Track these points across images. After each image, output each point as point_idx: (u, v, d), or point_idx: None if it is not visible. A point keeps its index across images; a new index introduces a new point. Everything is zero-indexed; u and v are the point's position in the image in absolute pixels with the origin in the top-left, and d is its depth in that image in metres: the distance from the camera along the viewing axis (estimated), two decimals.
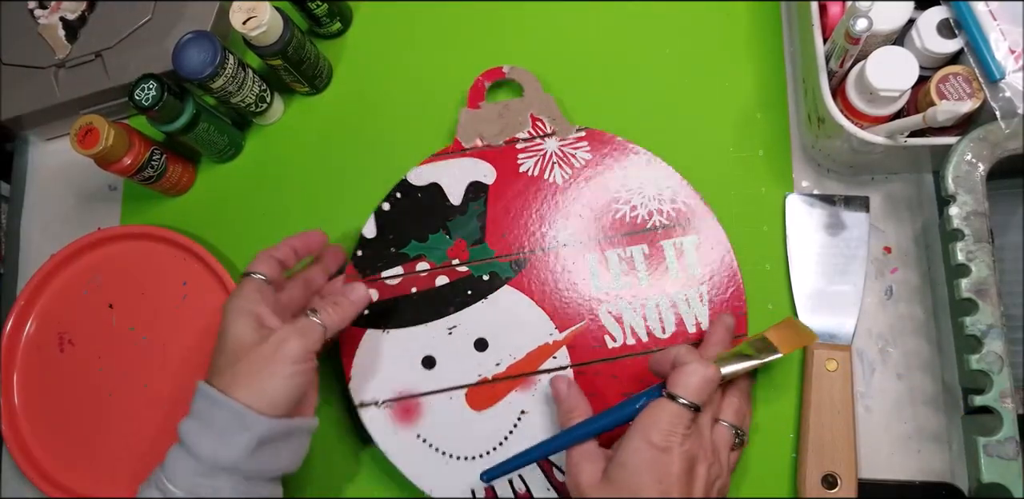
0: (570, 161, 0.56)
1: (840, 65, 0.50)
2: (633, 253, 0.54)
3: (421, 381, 0.53)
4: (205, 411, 0.44)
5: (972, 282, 0.46)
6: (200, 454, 0.43)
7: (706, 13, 0.60)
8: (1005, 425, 0.44)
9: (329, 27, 0.63)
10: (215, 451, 0.43)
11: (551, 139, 0.57)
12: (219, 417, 0.43)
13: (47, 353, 0.61)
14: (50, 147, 0.68)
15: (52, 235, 0.65)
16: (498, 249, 0.55)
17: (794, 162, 0.57)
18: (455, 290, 0.55)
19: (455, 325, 0.54)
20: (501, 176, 0.56)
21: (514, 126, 0.57)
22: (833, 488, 0.49)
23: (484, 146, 0.57)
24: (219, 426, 0.43)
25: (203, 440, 0.43)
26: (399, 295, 0.55)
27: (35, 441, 0.59)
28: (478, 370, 0.53)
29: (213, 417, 0.43)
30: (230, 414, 0.43)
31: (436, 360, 0.54)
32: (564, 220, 0.55)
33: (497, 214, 0.56)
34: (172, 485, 0.42)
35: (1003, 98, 0.47)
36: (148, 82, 0.55)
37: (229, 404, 0.43)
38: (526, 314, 0.54)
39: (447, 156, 0.57)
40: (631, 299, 0.53)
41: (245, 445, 0.43)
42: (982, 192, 0.46)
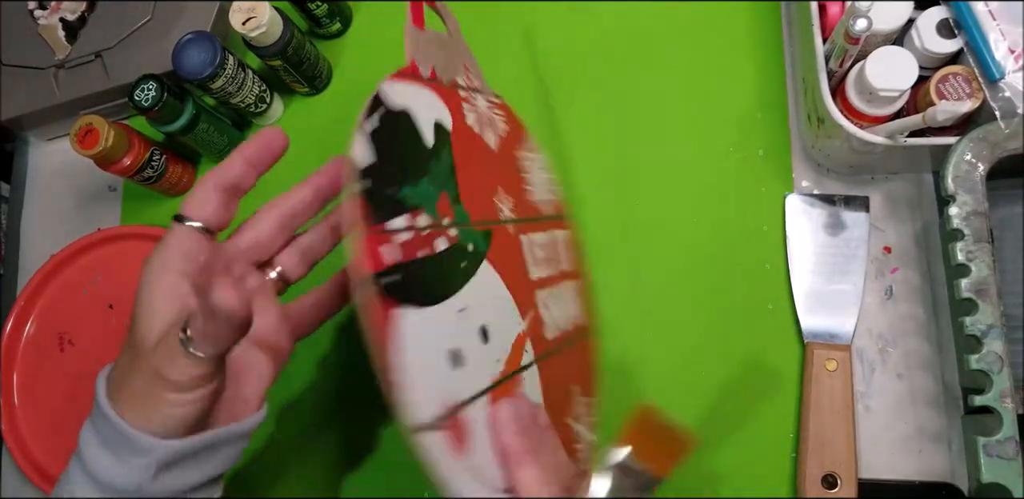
0: (496, 127, 0.46)
1: (840, 65, 0.50)
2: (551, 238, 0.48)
3: (456, 385, 0.36)
4: (100, 424, 0.35)
5: (972, 282, 0.46)
6: (97, 476, 0.35)
7: (706, 13, 0.60)
8: (1005, 425, 0.44)
9: (329, 27, 0.63)
10: (111, 472, 0.35)
11: (479, 96, 0.47)
12: (110, 435, 0.35)
13: (47, 353, 0.61)
14: (50, 147, 0.68)
15: (52, 235, 0.65)
16: (471, 214, 0.42)
17: (794, 162, 0.57)
18: (453, 259, 0.39)
19: (463, 307, 0.38)
20: (456, 124, 0.43)
21: (454, 67, 0.46)
22: (833, 488, 0.49)
23: (436, 80, 0.44)
24: (113, 444, 0.35)
25: (100, 459, 0.35)
26: (413, 259, 0.36)
27: (35, 441, 0.59)
28: (489, 370, 0.39)
29: (105, 433, 0.35)
30: (119, 434, 0.34)
31: (462, 355, 0.37)
32: (504, 192, 0.45)
33: (460, 169, 0.42)
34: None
35: (1003, 98, 0.47)
36: (148, 82, 0.55)
37: (117, 423, 0.34)
38: (502, 297, 0.42)
39: (411, 79, 0.42)
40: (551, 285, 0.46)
41: (144, 469, 0.34)
42: (982, 192, 0.46)
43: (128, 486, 0.35)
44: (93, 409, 0.36)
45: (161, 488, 0.35)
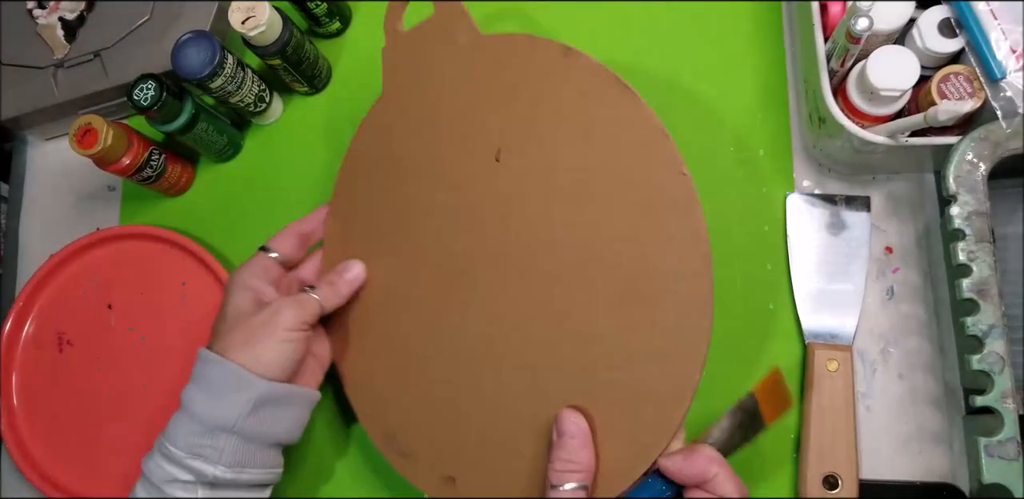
0: None
1: (841, 64, 0.50)
2: None
3: None
4: (203, 374, 0.45)
5: (973, 282, 0.45)
6: (198, 414, 0.44)
7: (706, 13, 0.60)
8: (1006, 425, 0.44)
9: (328, 27, 0.63)
10: (212, 410, 0.44)
11: None
12: (216, 378, 0.44)
13: (46, 353, 0.61)
14: (49, 147, 0.67)
15: (51, 235, 0.65)
16: None
17: (795, 162, 0.57)
18: None
19: None
20: None
21: None
22: (834, 489, 0.49)
23: None
24: (217, 386, 0.44)
25: (201, 400, 0.44)
26: None
27: (34, 441, 0.59)
28: None
29: (211, 379, 0.44)
30: (227, 374, 0.44)
31: None
32: None
33: None
34: (172, 446, 0.43)
35: (1004, 98, 0.47)
36: (147, 82, 0.54)
37: (226, 364, 0.44)
38: None
39: None
40: None
41: (243, 404, 0.44)
42: (983, 192, 0.46)
43: (226, 419, 0.43)
44: (195, 370, 0.46)
45: (253, 428, 0.44)
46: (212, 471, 0.43)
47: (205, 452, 0.43)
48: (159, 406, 0.58)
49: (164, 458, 0.44)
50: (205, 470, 0.43)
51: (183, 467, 0.43)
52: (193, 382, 0.45)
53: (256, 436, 0.45)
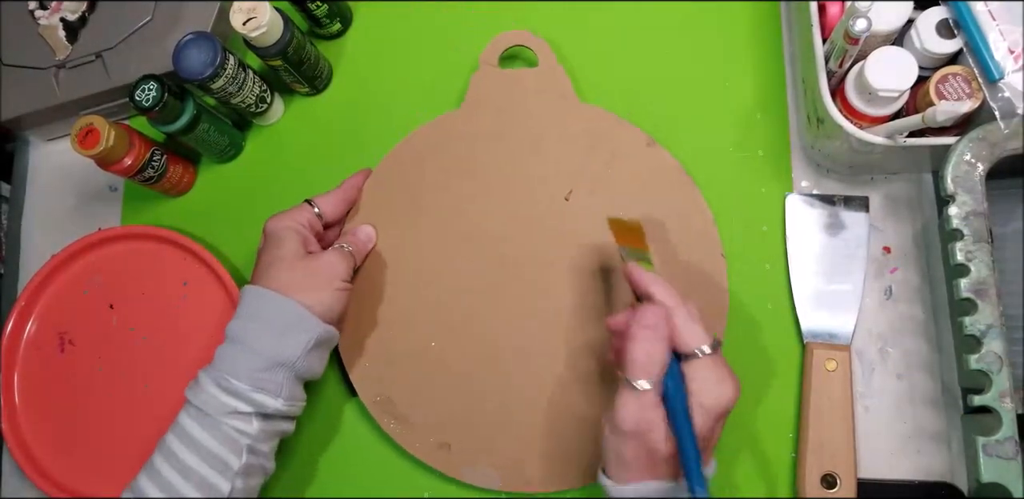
0: None
1: (839, 65, 0.50)
2: None
3: None
4: (262, 311, 0.48)
5: (971, 282, 0.46)
6: (261, 349, 0.47)
7: (706, 13, 0.60)
8: (1004, 425, 0.44)
9: (329, 28, 0.63)
10: (276, 347, 0.47)
11: None
12: (279, 316, 0.47)
13: (47, 353, 0.61)
14: (50, 148, 0.68)
15: (52, 235, 0.65)
16: None
17: (794, 162, 0.57)
18: None
19: None
20: None
21: None
22: (832, 488, 0.49)
23: None
24: (280, 324, 0.47)
25: (265, 337, 0.47)
26: None
27: (36, 441, 0.59)
28: None
29: (272, 317, 0.47)
30: (291, 314, 0.47)
31: None
32: None
33: None
34: (235, 379, 0.46)
35: (1002, 98, 0.47)
36: (148, 83, 0.55)
37: (291, 304, 0.47)
38: None
39: None
40: None
41: (304, 343, 0.47)
42: (981, 192, 0.46)
43: (288, 357, 0.47)
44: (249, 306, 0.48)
45: (303, 366, 0.48)
46: (273, 404, 0.47)
47: (268, 386, 0.46)
48: (160, 405, 0.58)
49: (223, 391, 0.46)
50: (267, 402, 0.46)
51: (245, 399, 0.46)
52: (250, 319, 0.48)
53: (304, 372, 0.48)
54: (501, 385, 0.53)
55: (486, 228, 0.56)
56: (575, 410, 0.52)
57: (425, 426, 0.54)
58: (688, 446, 0.39)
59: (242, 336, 0.47)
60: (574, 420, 0.52)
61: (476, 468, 0.53)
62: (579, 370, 0.53)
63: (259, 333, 0.47)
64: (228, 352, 0.47)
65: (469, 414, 0.53)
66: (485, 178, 0.57)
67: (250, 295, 0.49)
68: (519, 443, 0.52)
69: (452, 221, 0.57)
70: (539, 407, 0.53)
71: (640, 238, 0.49)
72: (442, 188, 0.57)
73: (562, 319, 0.54)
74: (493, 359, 0.54)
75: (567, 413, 0.52)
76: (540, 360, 0.53)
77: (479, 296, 0.55)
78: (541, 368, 0.53)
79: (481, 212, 0.56)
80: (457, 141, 0.58)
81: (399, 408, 0.54)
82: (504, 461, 0.52)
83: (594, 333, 0.53)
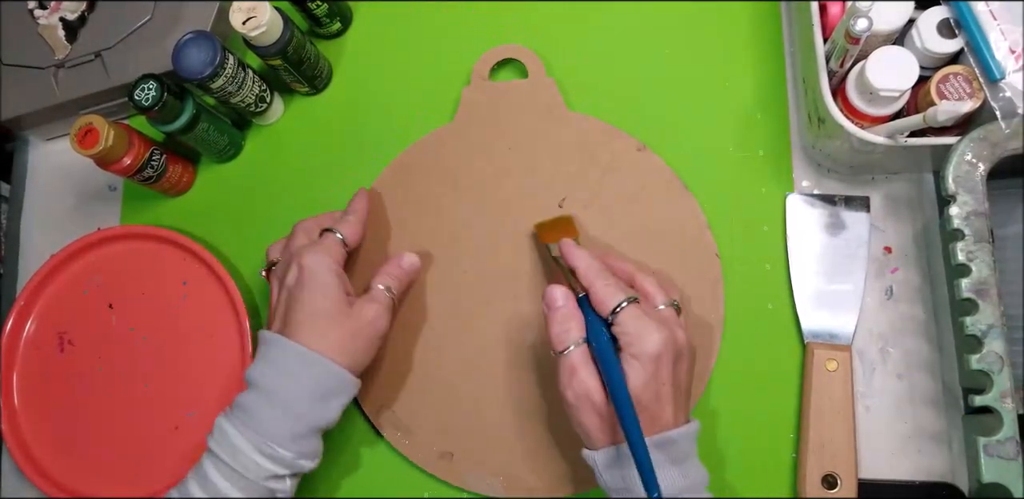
0: None
1: (840, 65, 0.50)
2: None
3: None
4: (306, 374, 0.45)
5: (972, 282, 0.46)
6: (303, 415, 0.45)
7: (706, 13, 0.60)
8: (1005, 425, 0.44)
9: (329, 27, 0.63)
10: (320, 413, 0.46)
11: None
12: (325, 382, 0.46)
13: (47, 353, 0.61)
14: (50, 147, 0.68)
15: (52, 235, 0.65)
16: None
17: (794, 162, 0.57)
18: None
19: None
20: None
21: None
22: (833, 488, 0.49)
23: None
24: (325, 390, 0.46)
25: (306, 401, 0.45)
26: None
27: (35, 441, 0.59)
28: None
29: (318, 381, 0.45)
30: (337, 380, 0.46)
31: None
32: None
33: None
34: (280, 447, 0.44)
35: (1003, 98, 0.47)
36: (148, 82, 0.55)
37: (338, 371, 0.46)
38: None
39: None
40: None
41: (341, 407, 0.47)
42: (982, 192, 0.46)
43: (330, 422, 0.47)
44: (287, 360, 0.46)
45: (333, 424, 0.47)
46: (311, 466, 0.46)
47: (307, 450, 0.46)
48: (160, 405, 0.58)
49: (267, 458, 0.44)
50: (307, 466, 0.46)
51: (288, 465, 0.45)
52: (290, 377, 0.45)
53: (328, 424, 0.47)
54: (501, 395, 0.54)
55: (482, 240, 0.56)
56: None
57: (427, 436, 0.54)
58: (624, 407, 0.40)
59: (283, 397, 0.45)
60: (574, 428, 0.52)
61: (478, 476, 0.53)
62: None
63: (301, 396, 0.45)
64: (266, 412, 0.45)
65: (470, 424, 0.54)
66: (479, 190, 0.57)
67: (290, 352, 0.46)
68: (520, 451, 0.53)
69: (449, 234, 0.57)
70: (539, 415, 0.53)
71: (570, 227, 0.52)
72: (437, 201, 0.58)
73: None
74: (493, 369, 0.54)
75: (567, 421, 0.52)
76: (539, 369, 0.54)
77: (477, 307, 0.55)
78: (540, 377, 0.54)
79: (477, 224, 0.57)
80: (450, 155, 0.59)
81: (402, 419, 0.55)
82: (506, 469, 0.53)
83: None
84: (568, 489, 0.52)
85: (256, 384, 0.46)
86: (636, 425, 0.39)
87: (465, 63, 0.61)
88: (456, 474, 0.53)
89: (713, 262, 0.54)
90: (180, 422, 0.57)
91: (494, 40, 0.61)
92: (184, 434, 0.57)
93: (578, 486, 0.52)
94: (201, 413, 0.57)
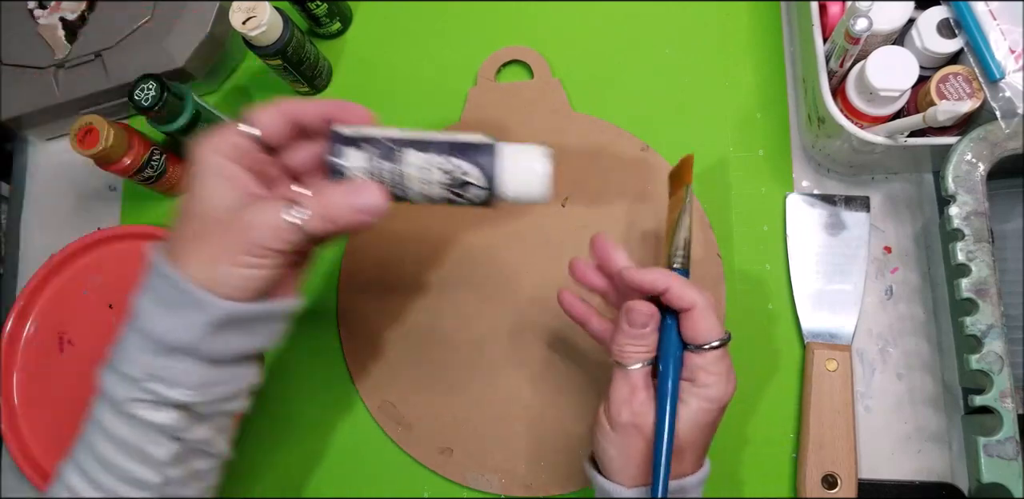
0: None
1: (840, 65, 0.50)
2: None
3: None
4: (158, 287, 0.38)
5: (972, 282, 0.46)
6: (151, 331, 0.37)
7: (706, 13, 0.60)
8: (1005, 425, 0.44)
9: (329, 27, 0.63)
10: (167, 329, 0.37)
11: None
12: (168, 293, 0.37)
13: (47, 353, 0.61)
14: (50, 147, 0.68)
15: (52, 235, 0.65)
16: None
17: (794, 162, 0.57)
18: None
19: None
20: None
21: None
22: (833, 488, 0.49)
23: None
24: (169, 301, 0.37)
25: (156, 315, 0.38)
26: None
27: (35, 441, 0.59)
28: None
29: (167, 294, 0.37)
30: (185, 295, 0.37)
31: None
32: None
33: None
34: (127, 367, 0.38)
35: (1003, 98, 0.47)
36: (148, 82, 0.54)
37: (177, 281, 0.37)
38: None
39: None
40: None
41: (201, 326, 0.37)
42: (982, 192, 0.46)
43: (183, 341, 0.37)
44: (148, 276, 0.39)
45: (212, 348, 0.38)
46: (173, 395, 0.38)
47: (163, 373, 0.38)
48: None
49: (119, 377, 0.38)
50: (165, 394, 0.38)
51: (141, 388, 0.38)
52: (147, 292, 0.38)
53: (220, 356, 0.39)
54: (501, 392, 0.54)
55: (484, 238, 0.57)
56: (574, 416, 0.53)
57: (427, 432, 0.54)
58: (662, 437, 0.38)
59: (135, 310, 0.38)
60: (573, 426, 0.53)
61: (477, 473, 0.53)
62: (577, 378, 0.53)
63: (152, 310, 0.38)
64: (125, 332, 0.39)
65: (470, 420, 0.54)
66: None
67: (150, 261, 0.39)
68: (519, 448, 0.53)
69: (450, 232, 0.57)
70: (539, 413, 0.53)
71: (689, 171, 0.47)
72: None
73: (561, 327, 0.54)
74: (493, 366, 0.54)
75: (566, 419, 0.53)
76: (539, 367, 0.54)
77: (479, 303, 0.55)
78: (540, 375, 0.54)
79: (479, 223, 0.57)
80: None
81: (402, 414, 0.55)
82: (505, 466, 0.53)
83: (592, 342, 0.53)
84: (567, 488, 0.52)
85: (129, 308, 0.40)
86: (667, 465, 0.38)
87: (465, 63, 0.61)
88: (456, 470, 0.53)
89: (714, 262, 0.54)
90: None
91: (495, 40, 0.61)
92: None
93: (577, 485, 0.52)
94: None
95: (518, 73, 0.61)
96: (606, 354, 0.43)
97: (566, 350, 0.54)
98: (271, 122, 0.40)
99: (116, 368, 0.38)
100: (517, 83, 0.60)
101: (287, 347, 0.58)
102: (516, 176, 0.38)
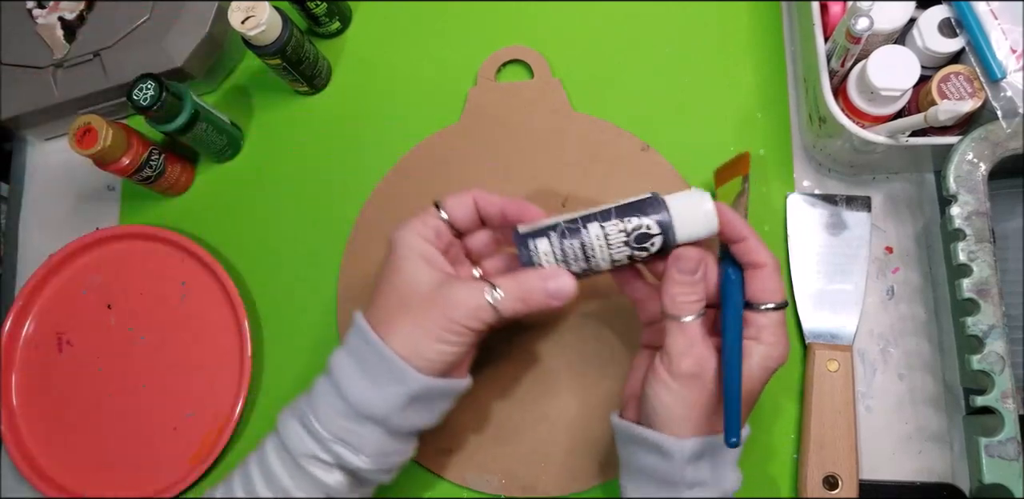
0: None
1: (841, 64, 0.50)
2: None
3: None
4: (362, 353, 0.42)
5: (973, 282, 0.45)
6: (351, 398, 0.41)
7: (706, 13, 0.60)
8: (1006, 425, 0.44)
9: (328, 26, 0.63)
10: (367, 398, 0.41)
11: None
12: (375, 364, 0.41)
13: (46, 353, 0.60)
14: (49, 147, 0.67)
15: (51, 235, 0.64)
16: None
17: (795, 162, 0.57)
18: None
19: None
20: None
21: None
22: (834, 489, 0.49)
23: None
24: (374, 373, 0.41)
25: (357, 384, 0.41)
26: None
27: (34, 441, 0.59)
28: None
29: (369, 362, 0.41)
30: (386, 364, 0.41)
31: None
32: None
33: None
34: (319, 425, 0.41)
35: (1004, 97, 0.47)
36: (146, 82, 0.54)
37: (388, 356, 0.40)
38: None
39: None
40: None
41: (399, 398, 0.41)
42: (984, 192, 0.46)
43: (380, 411, 0.41)
44: (352, 340, 0.42)
45: (400, 420, 0.42)
46: (354, 461, 0.41)
47: (351, 439, 0.41)
48: (159, 406, 0.58)
49: (307, 432, 0.41)
50: (347, 457, 0.41)
51: (325, 448, 0.41)
52: (349, 354, 0.42)
53: (401, 428, 0.42)
54: (501, 391, 0.54)
55: None
56: (575, 416, 0.53)
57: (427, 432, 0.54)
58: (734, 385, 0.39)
59: (338, 374, 0.42)
60: (574, 425, 0.52)
61: (477, 473, 0.53)
62: (579, 377, 0.53)
63: (353, 375, 0.41)
64: (321, 388, 0.42)
65: (470, 420, 0.53)
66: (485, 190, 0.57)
67: (357, 330, 0.42)
68: (520, 449, 0.53)
69: None
70: (539, 413, 0.53)
71: (746, 164, 0.50)
72: None
73: (563, 326, 0.54)
74: (494, 365, 0.54)
75: (567, 419, 0.53)
76: (540, 366, 0.54)
77: None
78: (542, 375, 0.54)
79: None
80: (456, 155, 0.59)
81: None
82: (505, 466, 0.53)
83: (595, 341, 0.53)
84: (568, 488, 0.52)
85: (327, 364, 0.43)
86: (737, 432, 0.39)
87: (464, 63, 0.61)
88: (456, 471, 0.53)
89: None
90: (179, 423, 0.57)
91: (495, 40, 0.61)
92: (183, 434, 0.57)
93: (577, 485, 0.52)
94: (200, 414, 0.57)
95: (518, 73, 0.61)
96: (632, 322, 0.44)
97: (565, 350, 0.54)
98: (463, 210, 0.45)
99: (305, 421, 0.42)
100: (517, 83, 0.60)
101: (288, 348, 0.58)
102: (689, 219, 0.42)
